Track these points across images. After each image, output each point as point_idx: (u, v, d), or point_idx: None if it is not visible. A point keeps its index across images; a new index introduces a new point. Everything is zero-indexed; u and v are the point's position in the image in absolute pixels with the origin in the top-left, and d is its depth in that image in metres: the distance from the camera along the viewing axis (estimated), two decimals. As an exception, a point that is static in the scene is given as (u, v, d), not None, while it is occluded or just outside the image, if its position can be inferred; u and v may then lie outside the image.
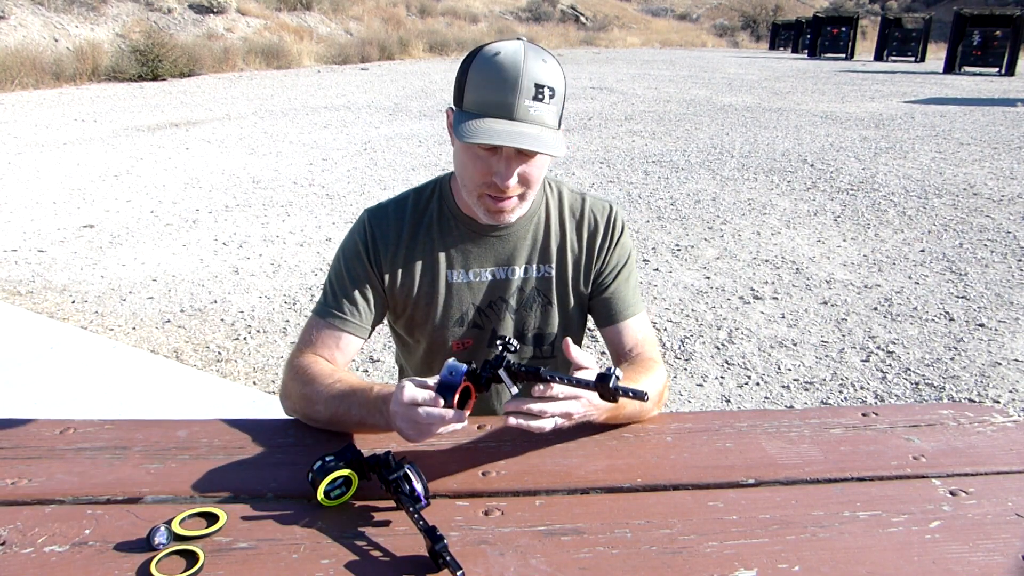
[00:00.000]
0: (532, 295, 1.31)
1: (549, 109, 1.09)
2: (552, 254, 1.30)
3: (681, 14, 47.16)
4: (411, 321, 1.31)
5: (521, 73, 1.05)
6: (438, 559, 0.81)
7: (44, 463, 1.03)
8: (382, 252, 1.26)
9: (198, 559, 0.83)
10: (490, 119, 1.06)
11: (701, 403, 2.95)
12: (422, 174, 6.90)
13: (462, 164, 1.16)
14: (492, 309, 1.30)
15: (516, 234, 1.29)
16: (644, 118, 10.71)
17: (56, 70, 13.61)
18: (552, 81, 1.09)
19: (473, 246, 1.28)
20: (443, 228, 1.28)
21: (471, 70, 1.10)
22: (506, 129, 1.05)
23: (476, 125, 1.06)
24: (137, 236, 5.03)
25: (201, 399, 2.82)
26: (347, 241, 1.29)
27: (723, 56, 28.14)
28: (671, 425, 1.19)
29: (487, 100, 1.07)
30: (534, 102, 1.06)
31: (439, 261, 1.27)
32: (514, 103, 1.06)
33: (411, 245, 1.27)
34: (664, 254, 4.76)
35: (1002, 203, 6.03)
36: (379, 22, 23.89)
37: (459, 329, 1.30)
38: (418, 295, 1.28)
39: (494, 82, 1.06)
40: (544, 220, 1.31)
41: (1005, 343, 3.47)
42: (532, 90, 1.06)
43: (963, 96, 14.08)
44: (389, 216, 1.28)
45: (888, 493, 1.00)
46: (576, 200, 1.33)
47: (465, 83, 1.10)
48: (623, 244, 1.33)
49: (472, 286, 1.29)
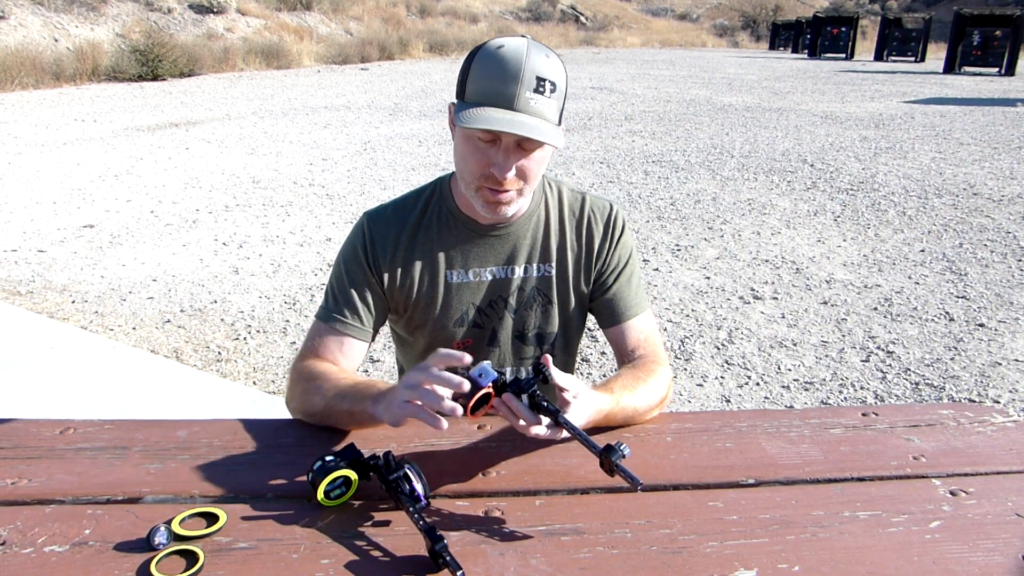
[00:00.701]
0: (532, 294, 1.31)
1: (549, 103, 1.09)
2: (552, 253, 1.30)
3: (681, 14, 47.16)
4: (411, 322, 1.31)
5: (523, 65, 1.06)
6: (438, 559, 0.81)
7: (44, 463, 1.03)
8: (380, 255, 1.26)
9: (198, 559, 0.83)
10: (491, 108, 1.07)
11: (701, 403, 2.95)
12: (422, 174, 6.90)
13: (461, 155, 1.16)
14: (492, 309, 1.30)
15: (516, 233, 1.29)
16: (644, 118, 10.70)
17: (56, 70, 13.61)
18: (554, 76, 1.09)
19: (473, 246, 1.28)
20: (443, 228, 1.28)
21: (474, 62, 1.11)
22: (506, 118, 1.06)
23: (476, 112, 1.07)
24: (137, 236, 5.03)
25: (201, 399, 2.82)
26: (346, 245, 1.29)
27: (723, 56, 28.14)
28: (671, 425, 1.19)
29: (489, 90, 1.08)
30: (535, 94, 1.07)
31: (439, 261, 1.27)
32: (515, 93, 1.06)
33: (410, 246, 1.27)
34: (664, 254, 4.76)
35: (1002, 203, 6.03)
36: (379, 22, 23.89)
37: (459, 329, 1.30)
38: (418, 296, 1.28)
39: (496, 72, 1.07)
40: (544, 219, 1.30)
41: (1005, 343, 3.47)
42: (534, 82, 1.07)
43: (963, 96, 14.08)
44: (388, 218, 1.28)
45: (888, 493, 1.00)
46: (576, 199, 1.33)
47: (468, 75, 1.11)
48: (624, 243, 1.33)
49: (472, 286, 1.29)
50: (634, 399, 1.14)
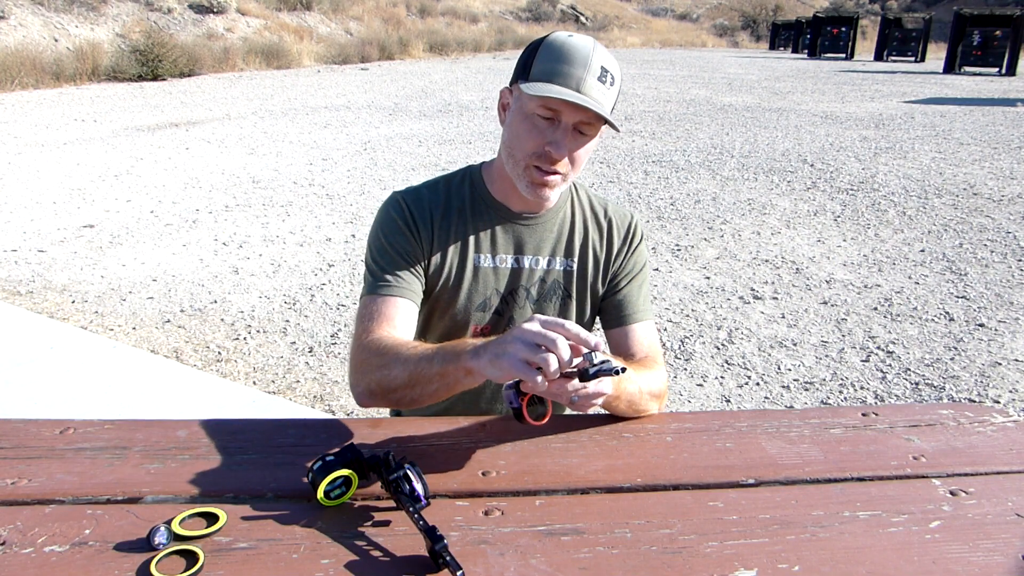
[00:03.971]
0: (553, 287, 1.33)
1: (609, 93, 1.14)
2: (575, 249, 1.33)
3: (681, 14, 47.16)
4: (436, 303, 1.31)
5: (592, 54, 1.12)
6: (438, 559, 0.81)
7: (44, 463, 1.03)
8: (421, 227, 1.27)
9: (198, 559, 0.83)
10: (558, 86, 1.11)
11: (701, 403, 2.95)
12: (422, 174, 6.90)
13: (516, 134, 1.19)
14: (513, 297, 1.32)
15: (543, 225, 1.31)
16: (644, 118, 10.70)
17: (56, 70, 13.60)
18: (615, 70, 1.16)
19: (501, 232, 1.30)
20: (475, 212, 1.30)
21: (542, 47, 1.15)
22: (573, 96, 1.11)
23: (547, 86, 1.11)
24: (137, 236, 5.03)
25: (201, 399, 2.82)
26: (382, 221, 1.28)
27: (723, 56, 28.14)
28: (671, 425, 1.19)
29: (557, 71, 1.12)
30: (598, 82, 1.12)
31: (468, 243, 1.29)
32: (583, 76, 1.11)
33: (444, 226, 1.28)
34: (664, 254, 4.76)
35: (1002, 203, 6.03)
36: (379, 22, 23.89)
37: (481, 314, 1.31)
38: (447, 275, 1.29)
39: (566, 56, 1.12)
40: (570, 216, 1.34)
41: (1005, 343, 3.47)
42: (599, 71, 1.12)
43: (963, 96, 14.08)
44: (423, 196, 1.29)
45: (888, 493, 1.00)
46: (600, 204, 1.38)
47: (534, 58, 1.15)
48: (640, 252, 1.37)
49: (497, 271, 1.30)
50: (636, 381, 1.15)
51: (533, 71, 1.14)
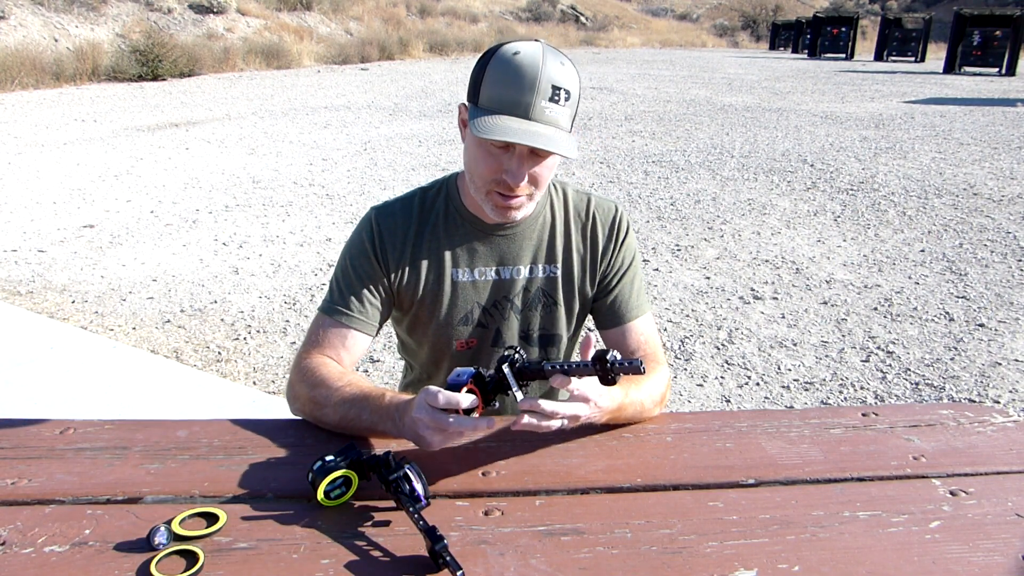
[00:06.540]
0: (537, 295, 1.31)
1: (564, 111, 1.09)
2: (558, 254, 1.31)
3: (681, 14, 47.17)
4: (416, 320, 1.31)
5: (539, 74, 1.06)
6: (438, 559, 0.81)
7: (44, 463, 1.03)
8: (389, 250, 1.26)
9: (198, 559, 0.83)
10: (506, 116, 1.07)
11: (701, 403, 2.95)
12: (422, 174, 6.90)
13: (473, 159, 1.16)
14: (497, 308, 1.30)
15: (522, 234, 1.29)
16: (644, 118, 10.70)
17: (56, 70, 13.59)
18: (568, 84, 1.09)
19: (479, 245, 1.28)
20: (449, 227, 1.28)
21: (489, 67, 1.10)
22: (522, 128, 1.06)
23: (492, 122, 1.06)
24: (137, 236, 5.03)
25: (201, 399, 2.82)
26: (353, 239, 1.28)
27: (723, 56, 28.14)
28: (671, 425, 1.19)
29: (504, 98, 1.07)
30: (550, 103, 1.07)
31: (445, 260, 1.27)
32: (531, 103, 1.06)
33: (417, 243, 1.27)
34: (664, 254, 4.76)
35: (1002, 203, 6.03)
36: (379, 22, 23.89)
37: (464, 328, 1.30)
38: (424, 293, 1.28)
39: (512, 81, 1.07)
40: (550, 221, 1.31)
41: (1005, 343, 3.47)
42: (549, 91, 1.07)
43: (963, 96, 14.08)
44: (396, 214, 1.28)
45: (888, 493, 1.00)
46: (582, 200, 1.33)
47: (482, 80, 1.10)
48: (628, 245, 1.33)
49: (477, 285, 1.29)
50: (640, 393, 1.15)
51: (483, 95, 1.10)
